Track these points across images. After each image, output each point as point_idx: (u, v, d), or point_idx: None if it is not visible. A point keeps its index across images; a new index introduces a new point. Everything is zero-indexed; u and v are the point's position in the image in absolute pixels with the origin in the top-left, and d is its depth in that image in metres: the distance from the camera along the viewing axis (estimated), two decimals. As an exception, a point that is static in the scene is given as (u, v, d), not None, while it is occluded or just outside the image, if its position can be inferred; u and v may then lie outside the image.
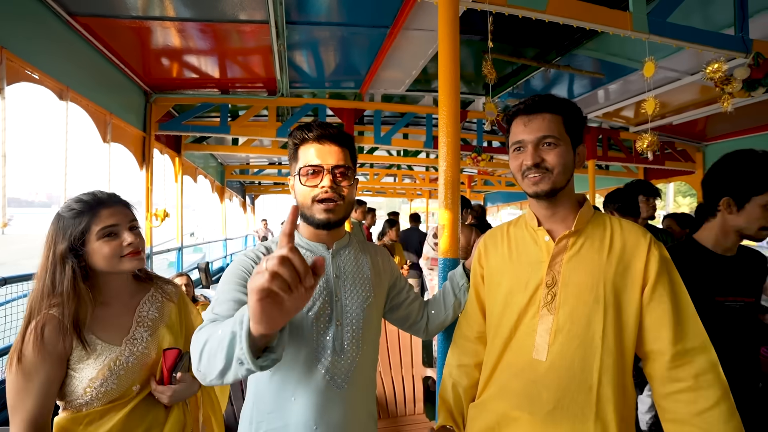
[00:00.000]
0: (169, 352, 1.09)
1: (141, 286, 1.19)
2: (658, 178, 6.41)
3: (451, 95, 1.48)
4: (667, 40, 1.92)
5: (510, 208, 13.30)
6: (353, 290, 1.04)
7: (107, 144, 3.07)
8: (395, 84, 4.28)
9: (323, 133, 0.98)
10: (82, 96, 2.75)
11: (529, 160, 0.96)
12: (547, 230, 1.00)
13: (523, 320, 0.99)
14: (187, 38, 3.07)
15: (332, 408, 0.96)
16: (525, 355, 0.98)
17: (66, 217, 1.03)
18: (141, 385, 1.08)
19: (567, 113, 0.97)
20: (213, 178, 6.92)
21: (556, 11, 1.73)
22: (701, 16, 2.79)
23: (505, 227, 1.11)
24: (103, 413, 1.03)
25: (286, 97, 4.18)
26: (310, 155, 0.98)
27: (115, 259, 1.04)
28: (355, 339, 1.00)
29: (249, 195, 10.72)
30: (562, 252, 0.96)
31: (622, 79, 4.06)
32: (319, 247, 1.05)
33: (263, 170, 8.75)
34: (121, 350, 1.05)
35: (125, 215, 1.08)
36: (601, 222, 0.98)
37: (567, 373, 0.92)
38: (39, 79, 2.33)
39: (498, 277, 1.06)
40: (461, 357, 1.16)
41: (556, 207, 1.00)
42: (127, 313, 1.11)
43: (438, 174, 5.96)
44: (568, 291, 0.94)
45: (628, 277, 0.92)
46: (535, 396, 0.95)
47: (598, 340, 0.90)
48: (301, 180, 0.98)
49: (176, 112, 4.36)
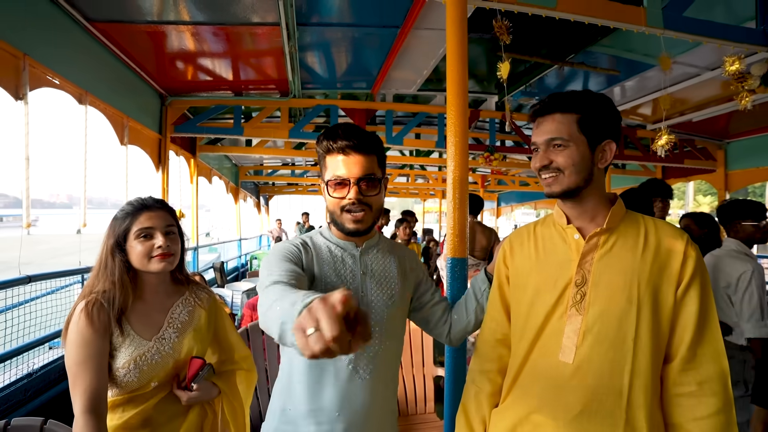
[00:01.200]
0: (194, 361, 1.17)
1: (177, 289, 1.27)
2: (677, 177, 6.25)
3: (459, 94, 1.47)
4: (683, 35, 1.87)
5: (524, 207, 13.15)
6: (379, 287, 1.07)
7: (124, 146, 3.15)
8: (407, 84, 4.28)
9: (348, 144, 0.99)
10: (101, 100, 2.83)
11: (537, 162, 0.96)
12: (577, 228, 0.97)
13: (549, 321, 0.96)
14: (200, 41, 3.13)
15: (355, 396, 1.01)
16: (551, 358, 0.95)
17: (117, 217, 1.16)
18: (159, 383, 1.15)
19: (585, 110, 0.93)
20: (228, 179, 7.03)
21: (566, 8, 1.70)
22: (722, 9, 2.71)
23: (532, 226, 1.08)
24: (126, 401, 1.12)
25: (298, 98, 4.22)
26: (337, 166, 1.00)
27: (145, 258, 1.13)
28: (378, 333, 1.05)
29: (263, 195, 10.86)
30: (593, 250, 0.93)
31: (639, 75, 3.97)
32: (349, 246, 1.09)
33: (277, 171, 8.86)
34: (150, 346, 1.13)
35: (163, 220, 1.17)
36: (634, 220, 0.95)
37: (595, 376, 0.89)
38: (60, 84, 2.41)
39: (524, 277, 1.03)
40: (484, 362, 1.11)
41: (583, 205, 0.96)
42: (161, 311, 1.20)
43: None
44: (599, 290, 0.90)
45: (664, 277, 0.88)
46: (560, 400, 0.92)
47: (630, 342, 0.87)
48: (329, 191, 1.02)
49: (191, 114, 4.45)
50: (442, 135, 4.78)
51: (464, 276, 1.48)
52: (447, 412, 1.48)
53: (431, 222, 16.98)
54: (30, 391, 2.18)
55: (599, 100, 0.94)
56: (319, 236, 1.11)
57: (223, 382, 1.26)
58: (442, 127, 4.81)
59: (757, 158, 5.18)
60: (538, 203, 10.82)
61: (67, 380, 1.06)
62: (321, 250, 1.07)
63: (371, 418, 1.03)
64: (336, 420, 0.99)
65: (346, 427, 1.00)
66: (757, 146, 5.14)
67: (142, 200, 1.19)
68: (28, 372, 2.20)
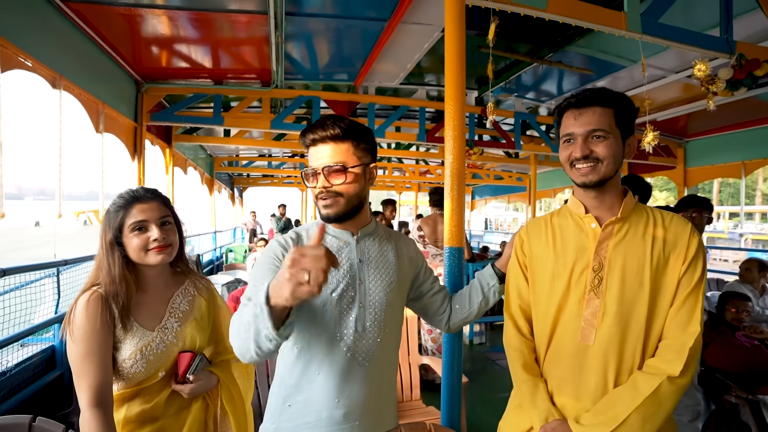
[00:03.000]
0: (182, 355, 1.16)
1: (176, 279, 1.26)
2: (642, 173, 6.62)
3: (457, 89, 1.53)
4: (659, 40, 2.00)
5: (496, 201, 13.50)
6: (377, 275, 1.09)
7: (100, 134, 3.02)
8: (389, 77, 4.30)
9: (315, 138, 1.02)
10: (75, 84, 2.70)
11: (578, 152, 0.99)
12: (595, 217, 1.03)
13: (567, 304, 1.02)
14: (181, 27, 3.03)
15: (353, 384, 1.02)
16: (571, 341, 1.01)
17: (111, 211, 1.14)
18: (166, 372, 1.15)
19: (619, 106, 0.99)
20: (203, 170, 6.84)
21: (556, 10, 1.79)
22: (686, 16, 2.90)
23: (548, 217, 1.14)
24: (132, 394, 1.11)
25: (280, 88, 4.16)
26: (311, 158, 1.05)
27: (142, 252, 1.12)
28: (377, 321, 1.06)
29: (237, 187, 10.61)
30: (609, 238, 1.00)
31: (611, 75, 4.17)
32: (345, 234, 1.10)
33: (253, 162, 8.68)
34: (153, 336, 1.13)
35: (157, 211, 1.15)
36: (642, 211, 1.03)
37: (613, 355, 0.96)
38: (32, 67, 2.28)
39: (542, 265, 1.09)
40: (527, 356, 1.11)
41: (604, 195, 1.03)
42: (161, 302, 1.20)
43: (428, 167, 6.09)
44: (614, 275, 0.97)
45: (670, 261, 0.96)
46: (582, 381, 0.99)
47: (643, 321, 0.95)
48: (306, 182, 1.06)
49: (167, 103, 4.29)
50: (423, 128, 4.84)
51: (461, 265, 1.55)
52: (445, 397, 1.55)
53: (404, 215, 17.13)
54: (4, 390, 2.09)
55: (628, 98, 1.02)
56: (315, 227, 1.11)
57: (219, 370, 1.25)
58: (423, 121, 4.88)
59: (712, 156, 5.57)
60: (511, 197, 11.13)
61: (48, 377, 1.03)
62: None
63: (371, 405, 1.05)
64: (336, 407, 1.01)
65: (346, 413, 1.01)
66: (713, 145, 5.53)
67: (134, 192, 1.16)
68: (3, 371, 2.10)
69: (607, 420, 0.92)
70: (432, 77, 4.62)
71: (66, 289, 2.55)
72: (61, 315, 2.36)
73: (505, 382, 3.16)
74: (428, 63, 4.07)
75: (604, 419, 0.92)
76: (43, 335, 2.51)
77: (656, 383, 0.91)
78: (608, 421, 0.92)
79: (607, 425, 0.91)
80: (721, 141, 5.39)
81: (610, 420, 0.91)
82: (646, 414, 0.90)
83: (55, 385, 2.32)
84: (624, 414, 0.91)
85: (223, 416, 1.27)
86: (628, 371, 0.96)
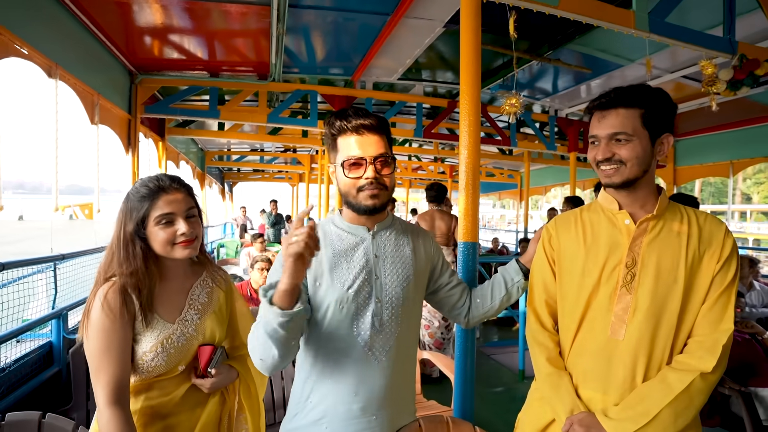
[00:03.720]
0: (203, 348, 1.13)
1: (195, 270, 1.22)
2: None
3: (472, 85, 1.53)
4: (666, 39, 2.03)
5: (486, 198, 13.62)
6: (393, 270, 1.08)
7: (95, 126, 2.94)
8: (388, 72, 4.29)
9: (363, 124, 1.01)
10: (71, 74, 2.62)
11: (600, 155, 0.99)
12: (629, 214, 1.03)
13: (596, 299, 1.02)
14: (179, 17, 2.96)
15: (371, 378, 1.03)
16: (601, 335, 1.01)
17: (133, 200, 1.07)
18: (186, 365, 1.12)
19: (648, 105, 0.97)
20: (194, 164, 6.73)
21: (567, 7, 1.80)
22: (686, 16, 2.95)
23: (578, 212, 1.14)
24: (148, 385, 1.08)
25: (277, 82, 4.10)
26: (352, 146, 1.01)
27: (168, 246, 1.08)
28: (394, 316, 1.05)
29: (227, 182, 10.48)
30: (643, 234, 1.00)
31: (606, 75, 4.24)
32: (360, 230, 1.08)
33: (244, 157, 8.57)
34: (174, 329, 1.09)
35: (184, 203, 1.09)
36: (676, 209, 1.03)
37: (642, 350, 0.96)
38: (28, 55, 2.21)
39: (571, 260, 1.08)
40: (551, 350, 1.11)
41: (636, 194, 1.02)
42: (181, 293, 1.15)
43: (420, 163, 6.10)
44: (648, 271, 0.97)
45: (704, 260, 0.97)
46: (611, 375, 0.99)
47: (674, 318, 0.96)
48: (345, 172, 1.02)
49: (160, 95, 4.20)
50: (420, 124, 4.84)
51: (476, 259, 1.56)
52: (458, 390, 1.56)
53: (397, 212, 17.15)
54: (3, 387, 2.04)
55: (661, 95, 0.99)
56: (331, 225, 1.11)
57: (238, 364, 1.23)
58: (420, 117, 4.88)
59: (701, 156, 5.71)
60: (502, 194, 11.24)
61: (46, 373, 0.99)
62: (332, 240, 1.07)
63: (388, 399, 1.05)
64: (353, 401, 1.01)
65: (364, 407, 1.02)
66: (702, 145, 5.67)
67: (159, 181, 1.09)
68: (1, 367, 2.05)
69: (637, 415, 0.92)
70: (429, 73, 4.62)
71: (62, 284, 2.49)
72: (59, 310, 2.30)
73: (499, 377, 3.21)
74: (425, 59, 4.07)
75: (634, 414, 0.93)
76: (38, 331, 2.45)
77: (689, 379, 0.91)
78: (638, 417, 0.92)
79: (637, 421, 0.92)
80: (710, 141, 5.52)
81: (641, 415, 0.92)
82: (678, 410, 0.91)
83: (54, 382, 2.27)
84: (655, 409, 0.91)
85: (239, 412, 1.25)
86: (657, 367, 0.97)
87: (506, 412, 2.94)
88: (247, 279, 3.27)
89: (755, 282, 3.57)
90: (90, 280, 2.88)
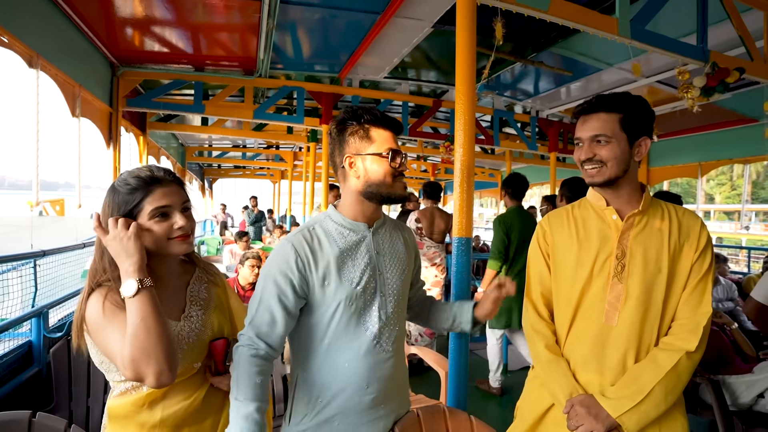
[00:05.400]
0: (216, 343, 1.08)
1: (186, 268, 1.17)
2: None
3: (467, 85, 1.58)
4: (645, 46, 2.15)
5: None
6: (392, 264, 1.13)
7: (76, 118, 2.85)
8: (375, 71, 4.31)
9: (395, 123, 1.09)
10: (52, 64, 2.53)
11: (583, 155, 1.10)
12: (615, 210, 1.12)
13: (591, 289, 1.11)
14: (160, 9, 2.90)
15: (380, 369, 1.07)
16: (594, 322, 1.10)
17: (121, 192, 0.98)
18: (201, 363, 1.07)
19: (627, 110, 1.07)
20: (175, 159, 6.57)
21: (556, 12, 1.88)
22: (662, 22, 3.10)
23: (569, 209, 1.23)
24: (165, 393, 1.01)
25: (264, 77, 4.07)
26: (388, 140, 1.07)
27: (164, 241, 1.00)
28: (397, 308, 1.11)
29: (207, 178, 10.27)
30: (630, 228, 1.10)
31: (585, 78, 4.39)
32: (362, 227, 1.11)
33: (226, 153, 8.42)
34: (181, 326, 1.04)
35: (179, 196, 1.03)
36: (657, 205, 1.13)
37: (635, 335, 1.06)
38: (8, 43, 2.13)
39: (565, 253, 1.16)
40: (549, 338, 1.18)
41: (620, 191, 1.12)
42: (178, 291, 1.11)
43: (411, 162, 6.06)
44: (636, 262, 1.07)
45: (683, 251, 1.07)
46: (606, 359, 1.08)
47: (660, 303, 1.06)
48: (388, 161, 1.06)
49: (142, 89, 4.10)
50: (406, 123, 4.89)
51: (469, 255, 1.61)
52: (452, 381, 1.62)
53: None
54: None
55: (639, 102, 1.09)
56: (329, 221, 1.11)
57: None
58: (406, 116, 4.93)
59: (672, 157, 5.99)
60: (482, 192, 11.43)
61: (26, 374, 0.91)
62: (333, 237, 1.08)
63: (394, 388, 1.11)
64: (365, 393, 1.05)
65: (374, 398, 1.06)
66: (673, 147, 5.94)
67: (151, 172, 1.01)
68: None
69: (632, 393, 1.01)
70: (414, 72, 4.67)
71: (43, 281, 2.41)
72: (40, 308, 2.23)
73: (483, 372, 3.30)
74: (411, 58, 4.12)
75: (629, 392, 1.01)
76: (17, 330, 2.36)
77: (676, 358, 1.01)
78: (633, 394, 1.01)
79: (633, 398, 1.00)
80: (680, 143, 5.79)
81: (636, 393, 1.01)
82: (668, 387, 1.00)
83: (34, 382, 2.19)
84: (648, 387, 1.00)
85: None
86: (646, 349, 1.07)
87: (495, 405, 3.03)
88: (233, 276, 3.23)
89: (720, 277, 3.80)
90: (70, 277, 2.80)
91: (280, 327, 1.02)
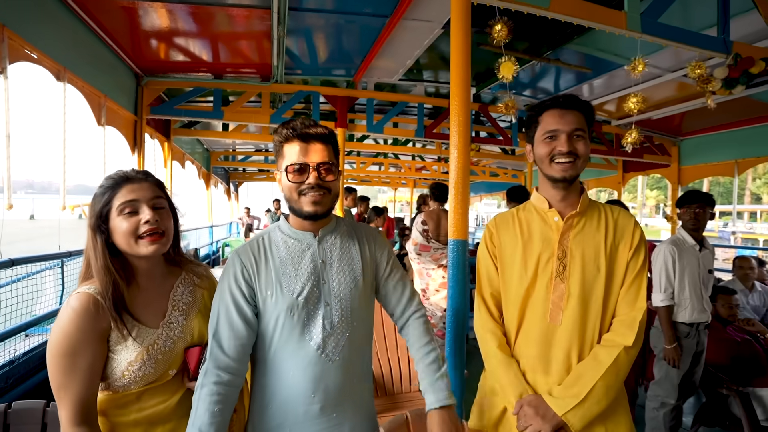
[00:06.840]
0: (191, 350, 1.08)
1: (172, 270, 1.15)
2: (636, 170, 6.71)
3: (462, 85, 1.57)
4: (658, 40, 2.05)
5: (489, 198, 13.59)
6: (340, 273, 1.10)
7: (102, 127, 3.02)
8: (389, 73, 4.33)
9: (308, 133, 1.04)
10: (78, 77, 2.70)
11: (564, 147, 1.09)
12: (558, 212, 1.16)
13: (535, 289, 1.14)
14: (182, 21, 3.03)
15: (327, 379, 1.05)
16: (539, 322, 1.13)
17: (97, 194, 1.01)
18: (177, 369, 1.07)
19: (588, 113, 1.14)
20: (200, 164, 6.83)
21: (558, 9, 1.83)
22: (683, 16, 2.95)
23: (514, 212, 1.26)
24: (139, 395, 1.02)
25: (280, 83, 4.17)
26: (296, 153, 1.04)
27: (132, 238, 0.98)
28: (344, 318, 1.08)
29: (233, 182, 10.59)
30: (569, 229, 1.14)
31: (607, 74, 4.23)
32: (307, 236, 1.11)
33: (249, 157, 8.67)
34: (159, 334, 1.03)
35: (150, 191, 1.02)
36: (594, 206, 1.18)
37: (577, 333, 1.09)
38: (38, 59, 2.28)
39: (511, 254, 1.20)
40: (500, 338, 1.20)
41: (569, 192, 1.15)
42: (161, 295, 1.09)
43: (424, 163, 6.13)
44: (576, 262, 1.11)
45: (620, 248, 1.12)
46: (551, 358, 1.11)
47: (600, 301, 1.09)
48: (288, 176, 1.04)
49: (166, 97, 4.29)
50: (422, 125, 4.87)
51: (465, 257, 1.59)
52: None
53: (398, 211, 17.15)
54: (12, 378, 2.11)
55: (592, 107, 1.17)
56: (277, 231, 1.12)
57: None
58: (422, 117, 4.91)
59: (705, 155, 5.66)
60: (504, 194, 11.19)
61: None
62: (278, 248, 1.09)
63: (345, 396, 1.08)
64: (312, 402, 1.04)
65: (322, 407, 1.05)
66: (706, 144, 5.62)
67: (124, 172, 1.04)
68: (10, 359, 2.12)
69: (576, 392, 1.05)
70: (430, 74, 4.66)
71: (69, 280, 2.57)
72: (65, 306, 2.37)
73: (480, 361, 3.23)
74: (426, 59, 4.11)
75: (573, 391, 1.06)
76: (46, 326, 2.53)
77: (615, 354, 1.05)
78: (577, 393, 1.05)
79: (576, 396, 1.04)
80: (714, 140, 5.47)
81: (579, 391, 1.05)
82: (609, 383, 1.05)
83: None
84: (590, 385, 1.04)
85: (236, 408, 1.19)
86: (589, 347, 1.10)
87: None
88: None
89: (757, 283, 3.56)
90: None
91: (242, 336, 1.03)
